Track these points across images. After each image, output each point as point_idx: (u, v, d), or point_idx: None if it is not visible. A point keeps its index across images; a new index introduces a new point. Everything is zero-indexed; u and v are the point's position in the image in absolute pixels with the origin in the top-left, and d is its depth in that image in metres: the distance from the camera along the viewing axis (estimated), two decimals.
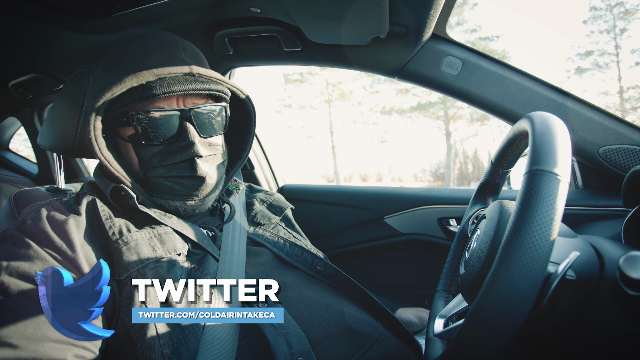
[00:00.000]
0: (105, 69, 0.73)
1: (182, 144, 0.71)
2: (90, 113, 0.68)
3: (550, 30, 36.36)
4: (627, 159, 1.02)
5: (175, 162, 0.72)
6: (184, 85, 0.70)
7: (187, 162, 0.73)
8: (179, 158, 0.72)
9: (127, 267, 0.62)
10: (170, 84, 0.68)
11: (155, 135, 0.71)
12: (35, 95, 1.60)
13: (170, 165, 0.73)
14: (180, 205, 0.76)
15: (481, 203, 0.79)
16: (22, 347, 0.51)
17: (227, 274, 0.71)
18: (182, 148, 0.72)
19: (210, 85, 0.74)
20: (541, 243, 0.43)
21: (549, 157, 0.46)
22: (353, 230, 1.48)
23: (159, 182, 0.74)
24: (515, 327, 0.43)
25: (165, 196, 0.75)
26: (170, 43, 0.74)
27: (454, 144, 20.26)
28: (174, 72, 0.69)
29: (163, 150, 0.72)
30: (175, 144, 0.72)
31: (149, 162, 0.73)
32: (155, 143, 0.71)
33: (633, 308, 0.46)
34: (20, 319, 0.53)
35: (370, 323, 0.74)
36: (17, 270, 0.56)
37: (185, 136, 0.71)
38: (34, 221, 0.63)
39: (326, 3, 0.87)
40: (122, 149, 0.74)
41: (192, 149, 0.71)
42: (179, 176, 0.73)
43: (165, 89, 0.68)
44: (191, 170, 0.73)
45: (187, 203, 0.77)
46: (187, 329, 0.60)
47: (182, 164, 0.73)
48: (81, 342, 0.55)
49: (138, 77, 0.67)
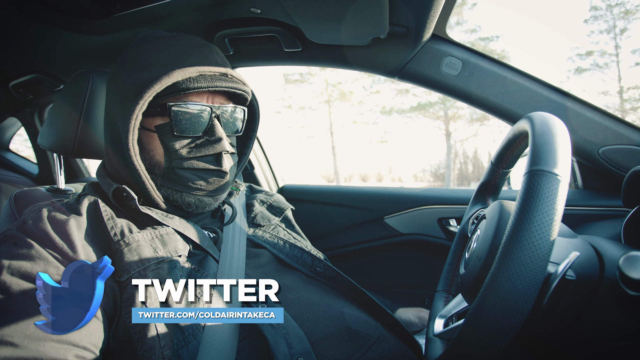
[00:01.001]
0: (139, 66, 0.74)
1: (211, 139, 0.75)
2: (135, 105, 0.69)
3: (550, 30, 36.36)
4: (627, 159, 1.02)
5: (203, 154, 0.75)
6: (223, 83, 0.75)
7: (213, 156, 0.76)
8: (208, 151, 0.75)
9: (128, 269, 0.62)
10: (212, 80, 0.73)
11: (187, 128, 0.74)
12: (35, 96, 1.60)
13: (198, 157, 0.75)
14: (195, 201, 0.77)
15: (481, 203, 0.79)
16: (23, 346, 0.51)
17: (227, 276, 0.71)
18: (210, 142, 0.75)
19: (239, 85, 0.78)
20: (541, 243, 0.43)
21: (549, 157, 0.46)
22: (353, 230, 1.48)
23: (182, 173, 0.75)
24: (515, 327, 0.43)
25: (185, 189, 0.75)
26: (205, 46, 0.79)
27: (454, 144, 20.26)
28: (213, 71, 0.74)
29: (191, 143, 0.75)
30: (203, 138, 0.75)
31: (176, 154, 0.74)
32: (186, 135, 0.74)
33: (633, 308, 0.46)
34: (21, 318, 0.53)
35: (370, 323, 0.74)
36: (19, 270, 0.56)
37: (214, 131, 0.75)
38: (35, 221, 0.63)
39: (326, 3, 0.87)
40: (146, 140, 0.75)
41: (220, 143, 0.75)
42: (204, 169, 0.75)
43: (209, 84, 0.73)
44: (217, 164, 0.75)
45: (203, 200, 0.77)
46: (188, 330, 0.60)
47: (208, 158, 0.75)
48: (82, 343, 0.55)
49: (184, 72, 0.70)
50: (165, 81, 0.69)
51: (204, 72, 0.72)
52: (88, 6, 1.05)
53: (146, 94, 0.69)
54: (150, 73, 0.71)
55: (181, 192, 0.76)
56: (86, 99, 0.95)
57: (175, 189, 0.76)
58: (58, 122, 0.98)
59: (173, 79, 0.69)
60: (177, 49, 0.75)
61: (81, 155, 0.99)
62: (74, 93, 0.96)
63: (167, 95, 0.72)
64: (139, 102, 0.69)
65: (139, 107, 0.69)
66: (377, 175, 26.53)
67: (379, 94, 21.08)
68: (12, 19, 1.11)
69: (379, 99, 27.89)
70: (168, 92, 0.71)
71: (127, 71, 0.75)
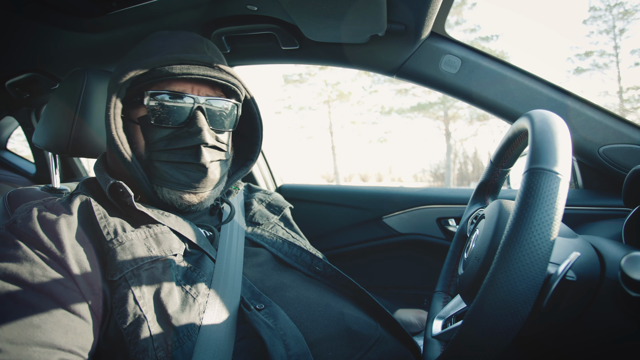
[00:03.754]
0: (129, 59, 0.76)
1: (190, 130, 0.72)
2: (112, 92, 0.70)
3: (550, 30, 36.38)
4: (628, 158, 1.01)
5: (181, 147, 0.72)
6: (203, 71, 0.73)
7: (192, 149, 0.73)
8: (185, 144, 0.72)
9: (121, 268, 0.61)
10: (190, 67, 0.71)
11: (165, 118, 0.72)
12: (32, 95, 1.59)
13: (176, 150, 0.73)
14: (176, 199, 0.75)
15: (480, 203, 0.78)
16: (6, 350, 0.49)
17: (224, 275, 0.70)
18: (189, 134, 0.72)
19: (228, 77, 0.76)
20: (541, 243, 0.42)
21: (549, 155, 0.45)
22: (352, 230, 1.48)
23: (161, 167, 0.73)
24: (515, 329, 0.42)
25: (165, 184, 0.74)
26: (196, 38, 0.77)
27: (453, 144, 20.28)
28: (196, 59, 0.72)
29: (170, 135, 0.73)
30: (183, 130, 0.73)
31: (155, 145, 0.73)
32: (164, 125, 0.72)
33: (634, 309, 0.45)
34: (5, 321, 0.51)
35: (369, 324, 0.73)
36: (4, 272, 0.55)
37: (194, 123, 0.72)
38: (25, 221, 0.62)
39: (323, 1, 0.86)
40: (131, 132, 0.75)
41: (199, 135, 0.72)
42: (182, 162, 0.73)
43: (185, 71, 0.71)
44: (195, 158, 0.72)
45: (184, 197, 0.75)
46: (182, 331, 0.59)
47: (187, 151, 0.73)
48: (68, 347, 0.54)
49: (161, 60, 0.70)
50: (141, 68, 0.69)
51: (184, 58, 0.71)
52: (84, 4, 1.05)
53: (122, 80, 0.69)
54: (132, 64, 0.71)
55: (162, 187, 0.74)
56: (81, 97, 0.94)
57: (157, 184, 0.74)
58: (53, 121, 0.97)
59: (150, 66, 0.69)
60: (167, 42, 0.75)
61: (76, 154, 0.98)
62: (69, 91, 0.95)
63: (154, 79, 0.71)
64: (116, 89, 0.70)
65: (115, 94, 0.70)
66: (377, 175, 26.56)
67: (378, 94, 21.12)
68: (7, 17, 1.10)
69: (378, 99, 27.91)
70: (149, 80, 0.71)
71: (118, 66, 0.76)
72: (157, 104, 0.71)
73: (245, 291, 0.71)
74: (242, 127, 0.89)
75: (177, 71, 0.70)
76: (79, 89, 0.94)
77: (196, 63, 0.72)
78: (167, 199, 0.75)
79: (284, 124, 28.56)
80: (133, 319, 0.58)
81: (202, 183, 0.74)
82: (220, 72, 0.75)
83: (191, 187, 0.74)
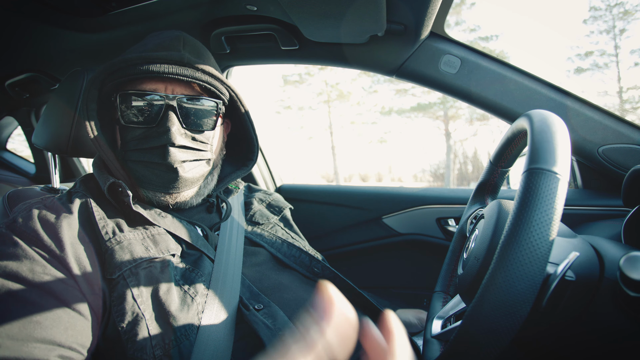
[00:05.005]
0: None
1: (159, 130, 0.71)
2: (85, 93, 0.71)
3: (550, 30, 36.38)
4: (627, 158, 1.01)
5: (149, 146, 0.71)
6: (168, 68, 0.70)
7: (160, 149, 0.71)
8: (153, 143, 0.71)
9: (119, 266, 0.61)
10: (155, 66, 0.69)
11: (135, 117, 0.71)
12: (32, 95, 1.59)
13: (144, 149, 0.72)
14: (154, 197, 0.74)
15: (480, 203, 0.78)
16: (6, 346, 0.50)
17: (223, 275, 0.70)
18: (158, 134, 0.71)
19: (203, 75, 0.74)
20: (540, 243, 0.42)
21: (548, 155, 0.45)
22: (351, 230, 1.48)
23: (133, 166, 0.73)
24: (514, 328, 0.42)
25: (142, 184, 0.74)
26: (173, 37, 0.76)
27: (453, 144, 20.27)
28: (162, 57, 0.70)
29: (141, 135, 0.72)
30: (153, 129, 0.72)
31: (127, 145, 0.73)
32: (135, 125, 0.72)
33: (633, 309, 0.45)
34: (5, 318, 0.52)
35: None
36: (4, 269, 0.55)
37: (164, 122, 0.71)
38: (25, 219, 0.62)
39: (323, 1, 0.86)
40: (113, 133, 0.75)
41: (166, 135, 0.70)
42: (150, 162, 0.72)
43: (147, 68, 0.69)
44: (162, 158, 0.71)
45: (160, 198, 0.74)
46: (180, 330, 0.59)
47: (155, 150, 0.72)
48: (68, 343, 0.54)
49: (126, 59, 0.69)
50: (108, 69, 0.70)
51: (149, 56, 0.69)
52: (84, 4, 1.05)
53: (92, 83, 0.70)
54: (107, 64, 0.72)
55: (140, 187, 0.74)
56: (81, 97, 0.93)
57: (137, 184, 0.74)
58: (52, 121, 0.97)
59: (116, 65, 0.69)
60: (146, 41, 0.75)
61: (76, 154, 0.98)
62: (69, 91, 0.95)
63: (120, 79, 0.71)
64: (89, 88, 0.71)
65: (87, 93, 0.71)
66: (377, 176, 26.56)
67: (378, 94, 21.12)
68: (7, 17, 1.10)
69: (378, 99, 27.92)
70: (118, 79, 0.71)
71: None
72: (126, 104, 0.71)
73: (244, 291, 0.71)
74: (240, 129, 0.88)
75: (142, 70, 0.69)
76: (78, 89, 0.93)
77: (164, 62, 0.70)
78: (150, 199, 0.75)
79: (284, 125, 28.56)
80: (131, 317, 0.58)
81: (174, 184, 0.73)
82: (194, 70, 0.72)
83: (164, 188, 0.73)
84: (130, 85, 0.72)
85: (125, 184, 0.72)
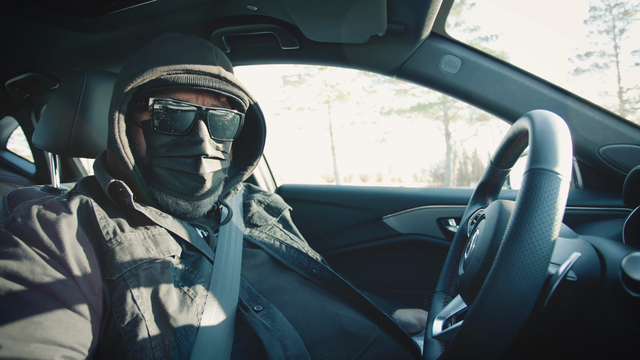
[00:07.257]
0: (136, 61, 0.76)
1: (192, 140, 0.73)
2: (119, 95, 0.70)
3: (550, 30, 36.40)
4: (628, 158, 1.01)
5: (181, 155, 0.73)
6: (208, 82, 0.73)
7: (192, 159, 0.73)
8: (186, 152, 0.73)
9: (119, 267, 0.61)
10: (196, 78, 0.71)
11: (168, 125, 0.72)
12: (32, 95, 1.59)
13: (176, 157, 0.73)
14: (172, 203, 0.76)
15: (480, 203, 0.78)
16: (8, 347, 0.50)
17: (222, 277, 0.70)
18: (190, 143, 0.73)
19: (233, 89, 0.76)
20: (541, 243, 0.42)
21: (550, 155, 0.45)
22: (351, 230, 1.48)
23: (160, 172, 0.74)
24: (515, 329, 0.42)
25: (162, 189, 0.75)
26: (206, 47, 0.77)
27: (453, 144, 20.28)
28: (203, 70, 0.72)
29: (172, 142, 0.73)
30: (185, 138, 0.73)
31: (156, 151, 0.74)
32: (166, 132, 0.73)
33: (635, 310, 0.45)
34: (6, 318, 0.52)
35: (366, 325, 0.73)
36: (5, 269, 0.55)
37: (196, 132, 0.73)
38: (24, 219, 0.62)
39: (323, 1, 0.86)
40: (133, 134, 0.75)
41: (200, 145, 0.72)
42: (180, 171, 0.73)
43: (191, 81, 0.71)
44: (194, 168, 0.73)
45: (180, 204, 0.76)
46: (180, 331, 0.59)
47: (186, 160, 0.73)
48: (69, 344, 0.54)
49: (169, 68, 0.70)
50: (148, 75, 0.69)
51: (191, 69, 0.71)
52: (84, 4, 1.04)
53: (128, 86, 0.69)
54: (140, 68, 0.71)
55: (160, 192, 0.75)
56: (81, 97, 0.94)
57: (155, 187, 0.75)
58: (53, 121, 0.97)
59: (157, 74, 0.69)
60: (177, 49, 0.75)
61: (76, 154, 0.98)
62: (69, 91, 0.95)
63: (159, 87, 0.71)
64: (122, 93, 0.70)
65: (121, 98, 0.70)
66: (377, 176, 26.56)
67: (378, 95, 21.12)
68: (7, 17, 1.10)
69: (377, 99, 27.92)
70: (154, 87, 0.71)
71: (126, 67, 0.76)
72: (161, 111, 0.72)
73: (244, 293, 0.71)
74: (244, 131, 0.89)
75: (183, 81, 0.70)
76: (78, 89, 0.93)
77: (203, 74, 0.72)
78: (164, 202, 0.76)
79: (284, 125, 28.57)
80: (131, 318, 0.58)
81: (198, 192, 0.75)
82: (227, 84, 0.75)
83: (187, 195, 0.75)
84: (162, 92, 0.73)
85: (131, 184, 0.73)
